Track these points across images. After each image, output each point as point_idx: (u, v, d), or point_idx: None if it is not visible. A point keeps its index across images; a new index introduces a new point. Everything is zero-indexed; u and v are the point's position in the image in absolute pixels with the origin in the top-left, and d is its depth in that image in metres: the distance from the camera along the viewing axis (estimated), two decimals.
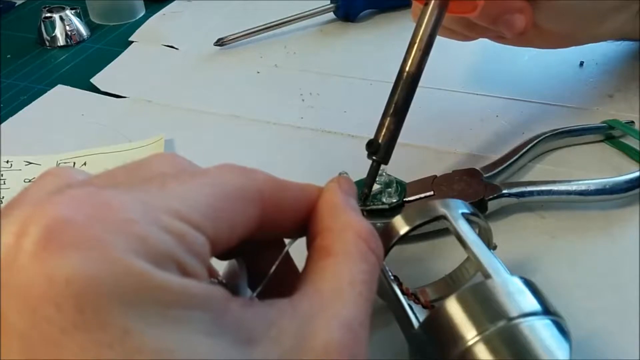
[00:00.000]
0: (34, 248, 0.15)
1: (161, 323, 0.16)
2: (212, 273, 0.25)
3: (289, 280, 0.25)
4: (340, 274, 0.21)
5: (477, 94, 0.45)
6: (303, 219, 0.23)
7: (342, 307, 0.20)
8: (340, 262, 0.21)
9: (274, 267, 0.23)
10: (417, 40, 0.32)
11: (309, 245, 0.23)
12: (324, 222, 0.23)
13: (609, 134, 0.39)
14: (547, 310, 0.22)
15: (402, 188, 0.33)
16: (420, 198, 0.33)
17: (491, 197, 0.33)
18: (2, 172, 0.39)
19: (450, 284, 0.30)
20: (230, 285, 0.22)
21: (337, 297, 0.20)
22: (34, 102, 0.47)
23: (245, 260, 0.24)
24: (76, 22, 0.56)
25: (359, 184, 0.34)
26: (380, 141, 0.31)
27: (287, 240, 0.24)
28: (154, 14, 0.59)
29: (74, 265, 0.15)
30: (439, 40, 0.37)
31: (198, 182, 0.19)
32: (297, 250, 0.24)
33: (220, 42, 0.52)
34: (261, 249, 0.24)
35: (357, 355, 0.19)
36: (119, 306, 0.15)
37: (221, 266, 0.24)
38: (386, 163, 0.31)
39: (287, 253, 0.24)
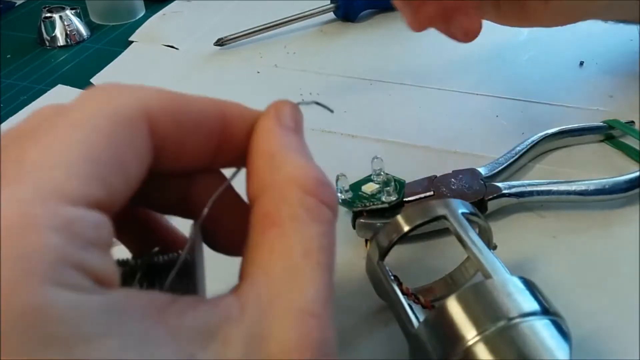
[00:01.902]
0: None
1: (66, 353, 0.13)
2: (177, 242, 0.22)
3: (243, 226, 0.20)
4: (290, 248, 0.17)
5: (477, 94, 0.45)
6: (226, 142, 0.20)
7: (298, 292, 0.16)
8: (287, 231, 0.17)
9: (207, 206, 0.19)
10: None
11: (251, 206, 0.19)
12: (261, 178, 0.19)
13: (609, 134, 0.39)
14: (547, 310, 0.22)
15: (401, 186, 0.33)
16: (420, 198, 0.33)
17: (491, 197, 0.33)
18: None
19: (450, 284, 0.30)
20: (191, 258, 0.20)
21: (291, 280, 0.16)
22: (34, 102, 0.47)
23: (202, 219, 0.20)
24: (76, 22, 0.56)
25: (358, 184, 0.34)
26: None
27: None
28: (154, 14, 0.59)
29: None
30: (439, 40, 0.37)
31: (62, 132, 0.15)
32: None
33: (220, 42, 0.52)
34: (209, 197, 0.20)
35: (324, 342, 0.16)
36: (18, 353, 0.13)
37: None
38: None
39: (242, 201, 0.21)
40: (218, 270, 0.21)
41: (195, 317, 0.15)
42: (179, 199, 0.21)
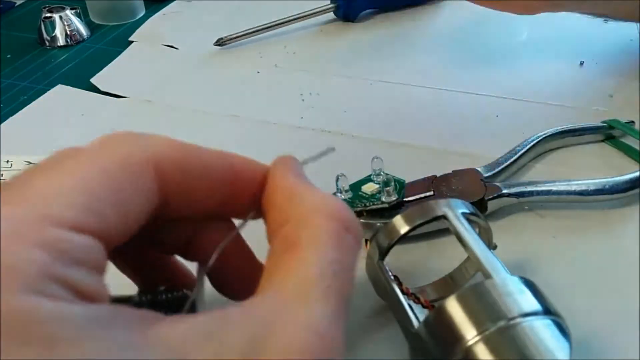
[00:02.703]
0: None
1: (47, 352, 0.14)
2: (188, 282, 0.23)
3: (250, 273, 0.22)
4: (306, 269, 0.18)
5: (477, 94, 0.45)
6: (228, 192, 0.21)
7: (304, 309, 0.17)
8: (306, 252, 0.18)
9: (215, 254, 0.20)
10: None
11: (271, 240, 0.20)
12: (284, 211, 0.20)
13: (609, 134, 0.39)
14: (547, 310, 0.22)
15: (401, 186, 0.33)
16: (420, 198, 0.33)
17: (491, 197, 0.33)
18: (2, 172, 0.39)
19: (450, 284, 0.30)
20: (195, 295, 0.21)
21: (302, 297, 0.17)
22: (34, 102, 0.47)
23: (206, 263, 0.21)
24: (76, 22, 0.56)
25: (358, 184, 0.34)
26: None
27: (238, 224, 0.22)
28: (154, 14, 0.59)
29: None
30: (439, 40, 0.37)
31: (69, 168, 0.17)
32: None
33: (220, 42, 0.52)
34: (215, 243, 0.21)
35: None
36: (12, 347, 0.13)
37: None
38: None
39: (247, 247, 0.22)
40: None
41: (192, 323, 0.16)
42: (186, 242, 0.22)
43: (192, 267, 0.25)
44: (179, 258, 0.25)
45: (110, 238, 0.17)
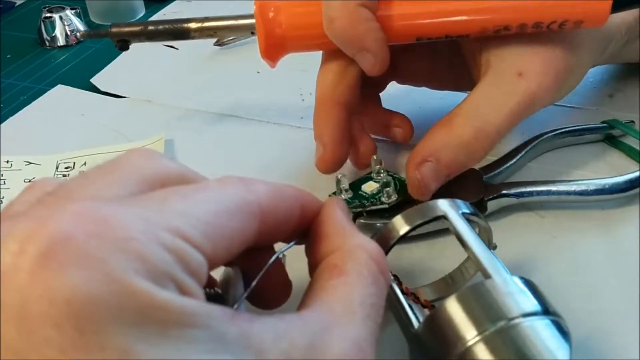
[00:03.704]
0: (32, 267, 0.15)
1: (161, 343, 0.15)
2: (209, 282, 0.25)
3: (281, 288, 0.25)
4: (351, 294, 0.21)
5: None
6: (295, 225, 0.23)
7: (352, 326, 0.20)
8: (351, 282, 0.21)
9: (262, 272, 0.22)
10: None
11: (314, 266, 0.23)
12: (334, 242, 0.23)
13: (609, 134, 0.39)
14: (547, 310, 0.22)
15: (402, 185, 0.33)
16: None
17: (491, 197, 0.33)
18: (2, 172, 0.39)
19: (450, 284, 0.30)
20: (226, 293, 0.22)
21: (348, 316, 0.20)
22: (34, 102, 0.47)
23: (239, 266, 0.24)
24: (76, 22, 0.56)
25: (359, 183, 0.34)
26: None
27: (277, 247, 0.24)
28: (154, 14, 0.59)
29: (73, 285, 0.15)
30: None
31: (199, 198, 0.19)
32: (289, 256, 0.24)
33: (220, 42, 0.52)
34: (252, 255, 0.24)
35: None
36: (119, 327, 0.15)
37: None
38: None
39: (279, 260, 0.24)
40: None
41: (262, 323, 0.18)
42: None
43: None
44: None
45: (214, 263, 0.19)
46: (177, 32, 0.37)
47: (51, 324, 0.15)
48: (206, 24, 0.36)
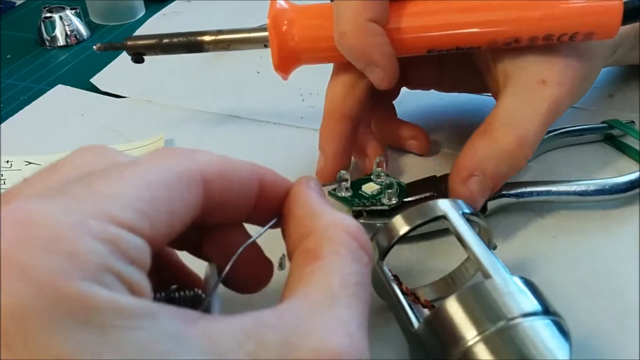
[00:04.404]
0: None
1: (101, 346, 0.15)
2: (191, 280, 0.25)
3: (261, 269, 0.24)
4: (330, 277, 0.19)
5: (477, 94, 0.45)
6: (254, 202, 0.22)
7: (335, 311, 0.18)
8: (329, 264, 0.20)
9: (233, 258, 0.22)
10: None
11: (291, 252, 0.22)
12: (305, 225, 0.22)
13: (609, 134, 0.39)
14: (547, 310, 0.22)
15: (402, 189, 0.33)
16: (420, 198, 0.33)
17: (491, 197, 0.33)
18: (2, 172, 0.39)
19: (450, 284, 0.30)
20: (207, 293, 0.21)
21: (329, 301, 0.18)
22: (34, 102, 0.47)
23: (218, 259, 0.23)
24: (76, 22, 0.56)
25: (358, 183, 0.34)
26: None
27: (253, 233, 0.23)
28: (154, 14, 0.59)
29: (3, 295, 0.14)
30: None
31: (128, 176, 0.18)
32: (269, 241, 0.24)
33: None
34: (226, 245, 0.23)
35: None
36: (52, 333, 0.14)
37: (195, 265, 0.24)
38: None
39: (257, 245, 0.23)
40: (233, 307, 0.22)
41: (229, 323, 0.17)
42: (198, 240, 0.24)
43: (189, 263, 0.25)
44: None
45: (156, 242, 0.18)
46: (191, 44, 0.38)
47: None
48: (220, 37, 0.37)
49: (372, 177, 0.34)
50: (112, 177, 0.18)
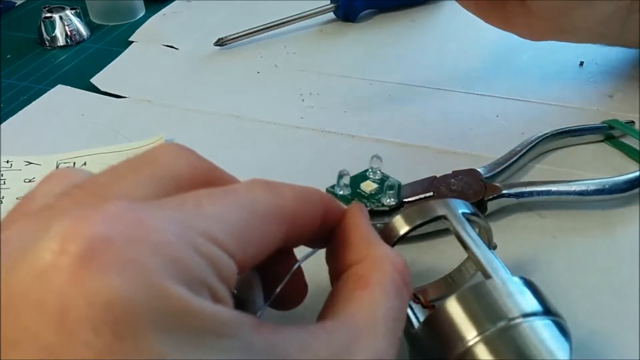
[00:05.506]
0: (73, 268, 0.15)
1: (195, 350, 0.15)
2: None
3: (298, 291, 0.25)
4: (375, 307, 0.21)
5: (477, 94, 0.45)
6: (317, 229, 0.23)
7: (375, 340, 0.20)
8: (376, 294, 0.21)
9: (286, 278, 0.23)
10: None
11: (338, 273, 0.23)
12: (359, 251, 0.23)
13: (609, 134, 0.39)
14: (547, 310, 0.22)
15: (398, 187, 0.33)
16: (420, 198, 0.33)
17: (491, 197, 0.33)
18: (2, 172, 0.39)
19: (450, 284, 0.30)
20: (243, 295, 0.22)
21: (371, 329, 0.20)
22: (34, 102, 0.47)
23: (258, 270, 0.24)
24: (76, 22, 0.56)
25: (355, 180, 0.34)
26: None
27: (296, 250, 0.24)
28: (154, 14, 0.59)
29: (113, 288, 0.15)
30: (439, 40, 0.37)
31: (230, 202, 0.19)
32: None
33: (220, 42, 0.52)
34: (271, 257, 0.24)
35: None
36: (156, 332, 0.15)
37: None
38: None
39: (300, 265, 0.24)
40: None
41: (287, 333, 0.18)
42: None
43: None
44: None
45: (242, 268, 0.19)
46: None
47: (90, 328, 0.14)
48: None
49: (367, 172, 0.34)
50: (217, 200, 0.19)
